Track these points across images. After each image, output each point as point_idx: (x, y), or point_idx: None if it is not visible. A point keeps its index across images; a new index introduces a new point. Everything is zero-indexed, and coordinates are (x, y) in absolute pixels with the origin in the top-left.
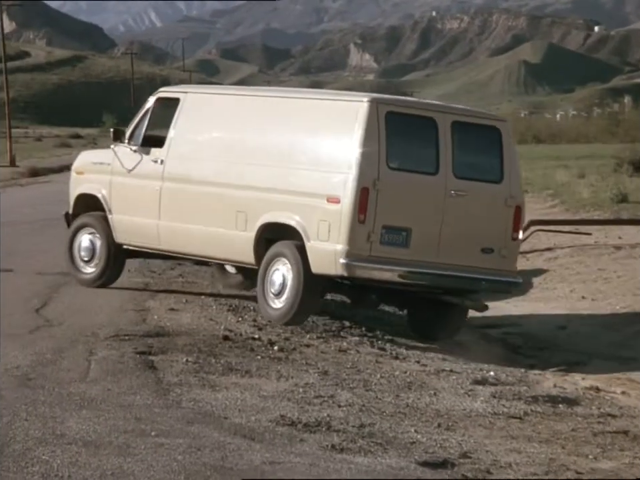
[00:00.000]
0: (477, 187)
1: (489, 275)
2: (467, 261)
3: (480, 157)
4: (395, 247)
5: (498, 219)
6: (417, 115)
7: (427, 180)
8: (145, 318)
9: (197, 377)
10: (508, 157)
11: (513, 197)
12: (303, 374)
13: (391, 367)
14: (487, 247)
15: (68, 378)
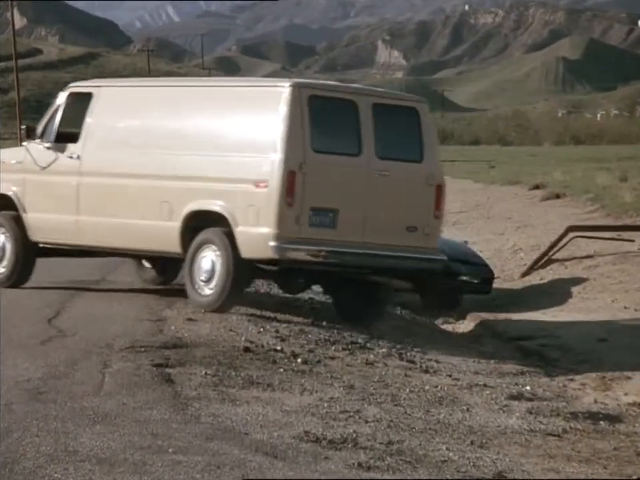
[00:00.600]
0: (399, 166)
1: (414, 253)
2: (392, 239)
3: (400, 137)
4: (323, 228)
5: (420, 198)
6: (339, 98)
7: (351, 161)
8: (162, 328)
9: (217, 390)
10: (427, 136)
11: (433, 176)
12: (327, 388)
13: (421, 380)
14: (411, 226)
15: (81, 391)
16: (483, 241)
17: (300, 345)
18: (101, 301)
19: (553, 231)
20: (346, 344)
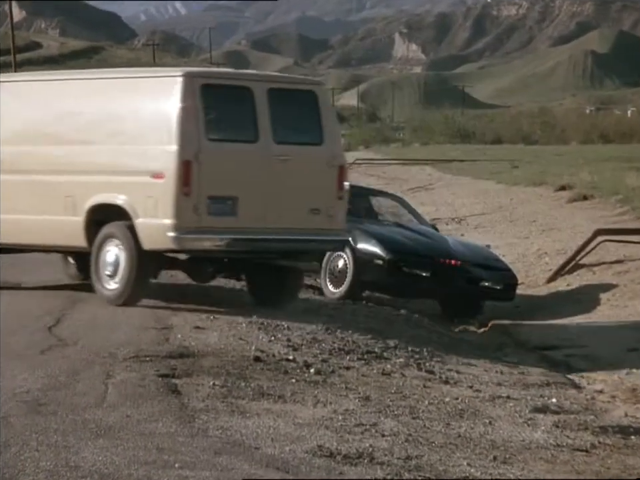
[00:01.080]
0: (299, 150)
1: (319, 235)
2: (295, 223)
3: (299, 121)
4: (222, 216)
5: (322, 180)
6: (232, 85)
7: (248, 148)
8: (168, 337)
9: (225, 402)
10: (326, 119)
11: (334, 157)
12: (342, 399)
13: (441, 392)
14: (314, 208)
15: (83, 403)
16: (505, 245)
17: (313, 354)
18: (103, 308)
19: (580, 235)
20: (361, 353)
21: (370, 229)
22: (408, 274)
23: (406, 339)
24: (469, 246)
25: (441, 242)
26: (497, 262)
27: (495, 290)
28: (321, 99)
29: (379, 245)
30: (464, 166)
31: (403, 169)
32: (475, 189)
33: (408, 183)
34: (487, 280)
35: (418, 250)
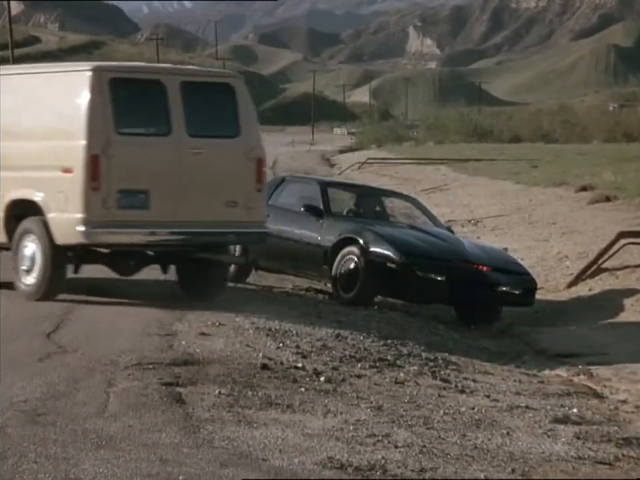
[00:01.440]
0: (214, 143)
1: (237, 228)
2: (212, 216)
3: (215, 114)
4: (134, 209)
5: (240, 173)
6: (143, 79)
7: (160, 141)
8: (172, 343)
9: (232, 411)
10: (244, 111)
11: (252, 150)
12: (353, 409)
13: (456, 401)
14: (231, 201)
15: (83, 413)
16: (524, 248)
17: (323, 361)
18: (104, 314)
19: (602, 237)
20: (373, 361)
21: (382, 231)
22: (422, 278)
23: (420, 346)
24: (486, 249)
25: (457, 245)
26: (515, 266)
27: (513, 295)
28: (239, 92)
29: (391, 248)
30: (480, 166)
31: (416, 169)
32: (492, 189)
33: (422, 184)
34: (505, 284)
35: (432, 253)
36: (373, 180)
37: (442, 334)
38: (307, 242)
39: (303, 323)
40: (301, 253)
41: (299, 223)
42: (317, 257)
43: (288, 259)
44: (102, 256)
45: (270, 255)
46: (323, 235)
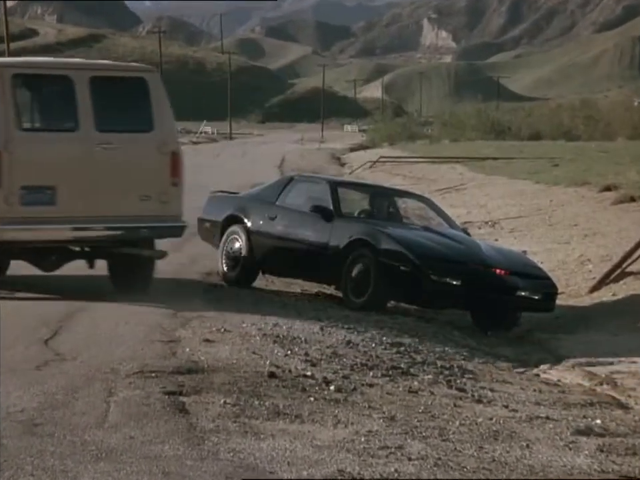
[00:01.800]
0: (125, 137)
1: (150, 222)
2: (123, 210)
3: (126, 108)
4: (40, 206)
5: (153, 167)
6: (49, 74)
7: (67, 137)
8: (175, 351)
9: (237, 422)
10: (157, 106)
11: (166, 144)
12: (365, 419)
13: (473, 412)
14: (144, 195)
15: (82, 423)
16: (544, 251)
17: (333, 370)
18: (104, 319)
19: (626, 239)
20: (386, 369)
21: (395, 233)
22: (436, 282)
23: (435, 354)
24: (504, 252)
25: (473, 247)
26: (534, 269)
27: (532, 300)
28: (152, 86)
29: (404, 250)
30: (498, 164)
31: (431, 168)
32: (511, 189)
33: (437, 183)
34: (524, 289)
35: (448, 256)
36: (385, 179)
37: (458, 340)
38: (316, 244)
39: (312, 329)
40: (309, 256)
41: (307, 225)
42: (326, 260)
43: (296, 262)
44: (23, 252)
45: (277, 258)
46: (333, 237)
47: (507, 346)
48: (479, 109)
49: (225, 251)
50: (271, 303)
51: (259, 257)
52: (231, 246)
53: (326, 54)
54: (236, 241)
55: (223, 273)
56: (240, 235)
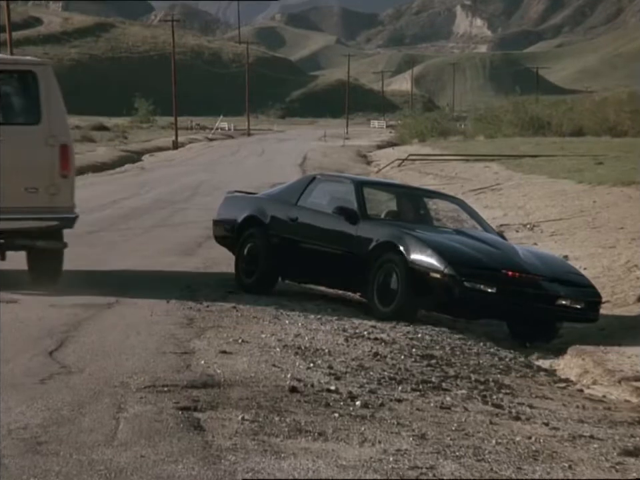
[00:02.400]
0: (11, 130)
1: (37, 214)
2: (9, 202)
3: (13, 101)
4: None
5: (41, 159)
6: None
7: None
8: (189, 363)
9: (256, 440)
10: (47, 98)
11: (55, 137)
12: (393, 437)
13: (510, 429)
14: (31, 187)
15: (90, 441)
16: (588, 256)
17: (359, 384)
18: (113, 329)
19: None
20: (416, 383)
21: (425, 237)
22: (470, 290)
23: (469, 367)
24: (543, 257)
25: (509, 252)
26: (576, 276)
27: (574, 309)
28: (42, 80)
29: (436, 256)
30: (537, 162)
31: (464, 167)
32: (551, 189)
33: (470, 183)
34: (565, 297)
35: (482, 261)
36: (415, 179)
37: (493, 353)
38: (339, 248)
39: (337, 340)
40: (332, 261)
41: (330, 227)
42: (350, 265)
43: (318, 267)
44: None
45: (298, 263)
46: (357, 241)
47: (547, 359)
48: (516, 102)
49: (242, 255)
50: (292, 312)
51: (278, 261)
52: (249, 250)
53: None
54: (254, 245)
55: (240, 279)
56: (258, 238)
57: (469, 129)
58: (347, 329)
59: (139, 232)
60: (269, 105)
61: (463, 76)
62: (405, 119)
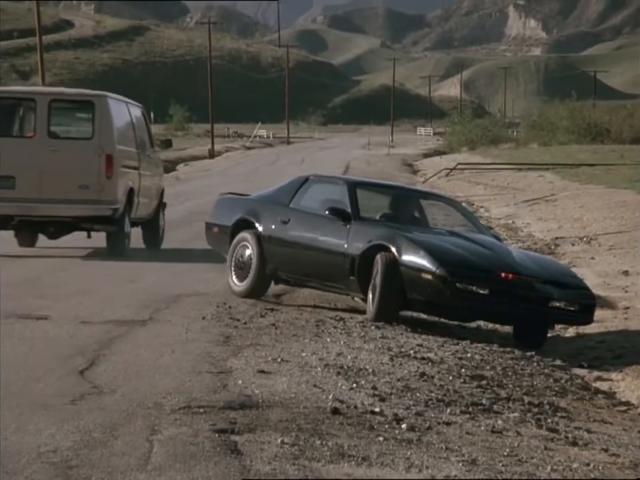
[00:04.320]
0: (70, 143)
1: (88, 204)
2: (65, 195)
3: (75, 122)
4: (4, 190)
5: (91, 164)
6: (20, 97)
7: (27, 141)
8: (226, 383)
9: (297, 464)
10: (100, 120)
11: (102, 148)
12: (442, 463)
13: (567, 456)
14: (82, 184)
15: (122, 465)
16: None
17: (405, 405)
18: (147, 347)
19: None
20: (465, 405)
21: (418, 238)
22: (462, 291)
23: (521, 389)
24: (538, 259)
25: (504, 253)
26: (571, 278)
27: (568, 312)
28: (97, 107)
29: (427, 256)
30: (595, 172)
31: (516, 176)
32: (610, 200)
33: (523, 194)
34: (558, 299)
35: (474, 262)
36: (465, 189)
37: (548, 374)
38: (332, 250)
39: (381, 359)
40: (325, 263)
41: (323, 229)
42: (343, 267)
43: (311, 269)
44: (22, 225)
45: (291, 265)
46: (350, 242)
47: (608, 381)
48: (572, 108)
49: (234, 258)
50: (333, 329)
51: (270, 264)
52: (241, 253)
53: (397, 46)
54: (246, 248)
55: (232, 284)
56: (250, 241)
57: (522, 136)
58: (392, 348)
59: (173, 246)
60: (310, 111)
61: (516, 80)
62: (453, 126)
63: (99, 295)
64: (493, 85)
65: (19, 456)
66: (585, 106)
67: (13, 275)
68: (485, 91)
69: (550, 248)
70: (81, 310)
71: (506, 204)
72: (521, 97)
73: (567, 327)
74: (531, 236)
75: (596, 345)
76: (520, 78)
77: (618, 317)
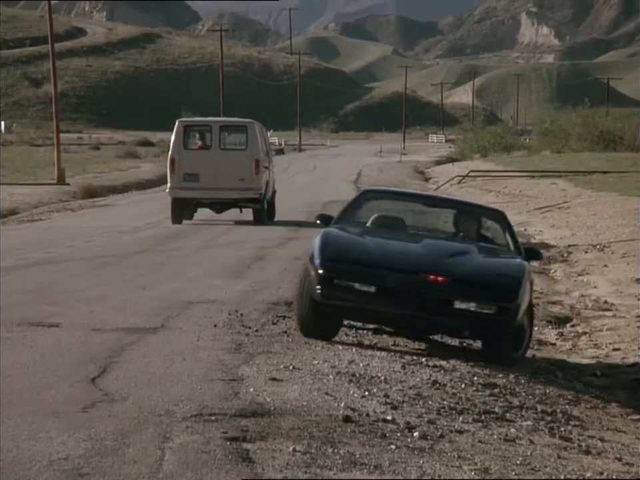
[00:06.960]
0: (234, 152)
1: (244, 191)
2: (232, 185)
3: (236, 139)
4: (191, 182)
5: (246, 166)
6: (202, 125)
7: (206, 151)
8: (238, 391)
9: (308, 472)
10: (251, 137)
11: (252, 155)
12: (454, 471)
13: (580, 464)
14: (241, 178)
15: (134, 473)
16: None
17: (417, 413)
18: (158, 355)
19: None
20: (478, 413)
21: (340, 234)
22: (337, 287)
23: (534, 397)
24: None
25: (432, 252)
26: (502, 278)
27: (481, 314)
28: (249, 130)
29: (318, 251)
30: (608, 179)
31: (529, 183)
32: (623, 208)
33: (536, 201)
34: (467, 300)
35: (367, 259)
36: (477, 196)
37: (561, 382)
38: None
39: (393, 367)
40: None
41: None
42: None
43: None
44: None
45: None
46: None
47: (621, 389)
48: (585, 115)
49: None
50: (345, 337)
51: None
52: None
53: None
54: None
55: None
56: None
57: (534, 144)
58: (404, 356)
59: (185, 252)
60: (322, 118)
61: (528, 87)
62: (465, 133)
63: (111, 302)
64: (505, 92)
65: (30, 463)
66: (598, 113)
67: (25, 282)
68: (497, 98)
69: (563, 255)
70: (93, 317)
71: (518, 211)
72: (533, 104)
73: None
74: (543, 244)
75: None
76: (532, 85)
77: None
